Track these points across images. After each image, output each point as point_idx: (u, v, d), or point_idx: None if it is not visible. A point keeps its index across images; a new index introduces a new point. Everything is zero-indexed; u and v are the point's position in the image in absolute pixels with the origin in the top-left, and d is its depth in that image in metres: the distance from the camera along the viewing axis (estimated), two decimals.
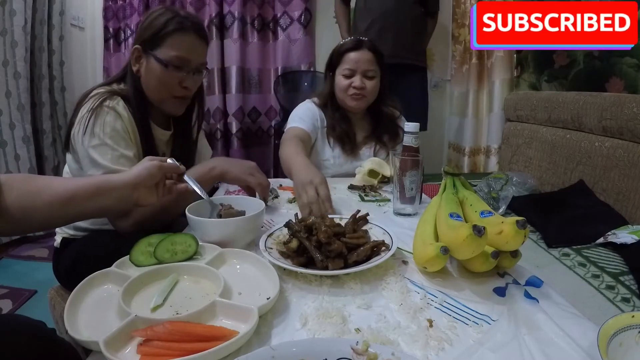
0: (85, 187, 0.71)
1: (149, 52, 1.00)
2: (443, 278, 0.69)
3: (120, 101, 0.99)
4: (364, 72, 1.40)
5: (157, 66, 1.00)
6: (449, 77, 2.75)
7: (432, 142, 2.78)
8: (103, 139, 0.94)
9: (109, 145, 0.94)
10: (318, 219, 0.76)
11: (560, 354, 0.50)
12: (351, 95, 1.41)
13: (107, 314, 0.56)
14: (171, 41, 0.99)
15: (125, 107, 1.00)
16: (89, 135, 0.94)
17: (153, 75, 1.01)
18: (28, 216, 0.66)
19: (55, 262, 1.10)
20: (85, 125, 0.94)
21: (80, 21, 2.94)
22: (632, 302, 1.05)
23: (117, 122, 0.97)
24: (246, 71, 2.79)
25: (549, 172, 1.93)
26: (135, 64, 1.03)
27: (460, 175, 0.90)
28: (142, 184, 0.75)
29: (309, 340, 0.51)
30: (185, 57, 1.00)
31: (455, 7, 2.62)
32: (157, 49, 1.00)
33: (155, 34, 0.99)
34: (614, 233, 1.34)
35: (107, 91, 1.00)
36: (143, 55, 1.02)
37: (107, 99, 0.97)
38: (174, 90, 1.03)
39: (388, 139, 1.49)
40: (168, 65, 0.99)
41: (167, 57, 0.99)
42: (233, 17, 2.70)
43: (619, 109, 1.55)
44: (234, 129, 2.80)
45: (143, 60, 1.02)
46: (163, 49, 0.99)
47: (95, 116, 0.95)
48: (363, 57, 1.40)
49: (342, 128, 1.45)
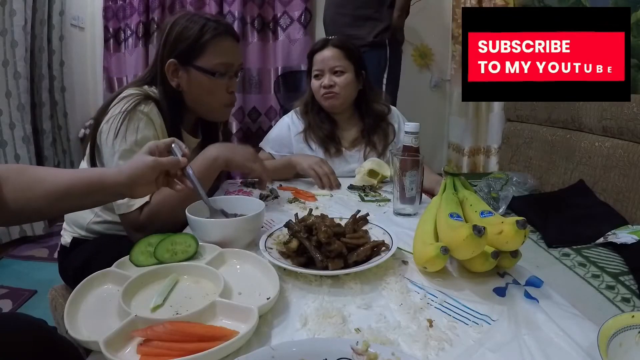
0: (81, 182, 0.69)
1: (189, 64, 0.97)
2: (443, 278, 0.69)
3: (154, 107, 0.96)
4: (331, 69, 1.38)
5: (203, 77, 0.97)
6: (449, 77, 2.75)
7: (432, 142, 2.78)
8: (132, 145, 0.91)
9: (137, 153, 0.93)
10: (318, 219, 0.76)
11: (560, 354, 0.50)
12: (323, 95, 1.40)
13: (107, 314, 0.56)
14: (212, 49, 0.97)
15: (158, 112, 0.97)
16: (120, 139, 0.91)
17: (200, 87, 0.98)
18: (24, 208, 0.65)
19: (62, 261, 1.08)
20: (117, 128, 0.91)
21: (80, 21, 2.94)
22: (632, 302, 1.05)
23: (149, 129, 0.94)
24: (246, 71, 2.79)
25: (549, 172, 1.93)
26: (173, 78, 0.99)
27: (460, 175, 0.90)
28: (137, 183, 0.72)
29: (309, 340, 0.51)
30: (229, 62, 0.99)
31: (455, 7, 2.62)
32: (198, 60, 0.97)
33: (192, 44, 0.96)
34: (614, 233, 1.34)
35: (142, 94, 0.97)
36: (181, 69, 0.98)
37: (142, 103, 0.94)
38: (223, 98, 1.02)
39: (378, 139, 1.45)
40: (215, 74, 0.97)
41: (212, 66, 0.97)
42: (233, 17, 2.70)
43: (619, 109, 1.55)
44: (234, 129, 2.80)
45: (182, 73, 0.99)
46: (205, 58, 0.97)
47: (128, 120, 0.91)
48: (328, 55, 1.39)
49: (324, 131, 1.43)
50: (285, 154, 1.46)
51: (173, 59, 0.97)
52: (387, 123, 1.47)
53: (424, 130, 1.06)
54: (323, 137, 1.43)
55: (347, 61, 1.40)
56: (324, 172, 1.24)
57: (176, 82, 0.99)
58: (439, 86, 2.84)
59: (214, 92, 0.99)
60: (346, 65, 1.39)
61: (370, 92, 1.48)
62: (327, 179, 1.24)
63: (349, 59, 1.40)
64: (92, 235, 1.05)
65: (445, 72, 2.78)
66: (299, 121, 1.48)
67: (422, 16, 2.66)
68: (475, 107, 2.63)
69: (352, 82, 1.41)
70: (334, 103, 1.41)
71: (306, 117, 1.47)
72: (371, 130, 1.45)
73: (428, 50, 2.73)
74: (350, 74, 1.40)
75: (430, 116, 2.78)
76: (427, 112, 2.77)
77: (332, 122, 1.46)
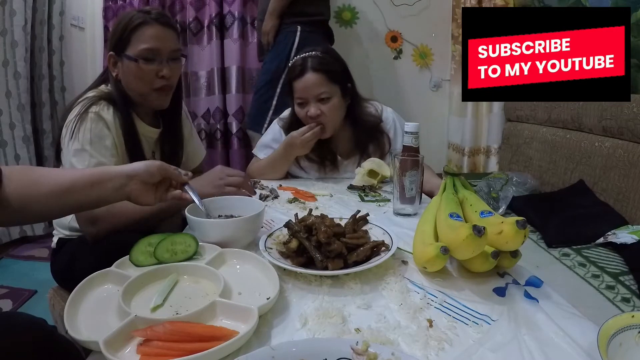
0: (83, 178, 0.71)
1: (121, 54, 1.03)
2: (443, 278, 0.69)
3: (105, 105, 1.01)
4: (316, 97, 1.25)
5: (131, 64, 1.02)
6: (449, 77, 2.75)
7: (432, 142, 2.77)
8: (83, 144, 0.96)
9: (88, 152, 0.96)
10: (318, 219, 0.76)
11: (560, 354, 0.50)
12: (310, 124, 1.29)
13: (107, 314, 0.56)
14: (136, 36, 1.02)
15: (111, 110, 1.01)
16: (73, 140, 0.96)
17: (129, 73, 1.03)
18: (27, 207, 0.66)
19: (52, 263, 1.11)
20: (71, 130, 0.96)
21: (80, 21, 2.94)
22: (632, 302, 1.05)
23: (100, 128, 0.98)
24: (246, 71, 2.79)
25: (549, 172, 1.93)
26: (113, 69, 1.05)
27: (460, 175, 0.90)
28: (138, 177, 0.73)
29: (309, 340, 0.51)
30: (153, 47, 1.02)
31: (455, 7, 2.62)
32: (127, 49, 1.02)
33: (121, 35, 1.02)
34: (614, 233, 1.34)
35: (95, 96, 1.02)
36: (117, 60, 1.04)
37: (93, 105, 0.99)
38: (152, 82, 1.05)
39: (373, 149, 1.38)
40: (138, 60, 1.01)
41: (136, 52, 1.01)
42: (233, 17, 2.70)
43: (619, 109, 1.55)
44: (234, 129, 2.80)
45: (119, 63, 1.04)
46: (132, 47, 1.02)
47: (80, 122, 0.97)
48: (310, 82, 1.24)
49: (317, 151, 1.35)
50: None
51: (111, 52, 1.04)
52: (381, 132, 1.39)
53: (424, 130, 1.06)
54: (319, 157, 1.37)
55: (332, 85, 1.26)
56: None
57: (116, 72, 1.05)
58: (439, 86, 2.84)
59: (140, 77, 1.03)
60: (331, 90, 1.26)
61: (359, 104, 1.38)
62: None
63: (333, 81, 1.27)
64: (76, 234, 1.07)
65: (445, 72, 2.78)
66: None
67: (422, 16, 2.65)
68: (475, 107, 2.63)
69: (339, 105, 1.30)
70: (324, 135, 1.30)
71: None
72: (365, 140, 1.38)
73: (428, 50, 2.73)
74: (337, 97, 1.28)
75: (430, 116, 2.78)
76: (427, 112, 2.77)
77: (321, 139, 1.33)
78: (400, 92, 2.68)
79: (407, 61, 2.73)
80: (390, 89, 2.68)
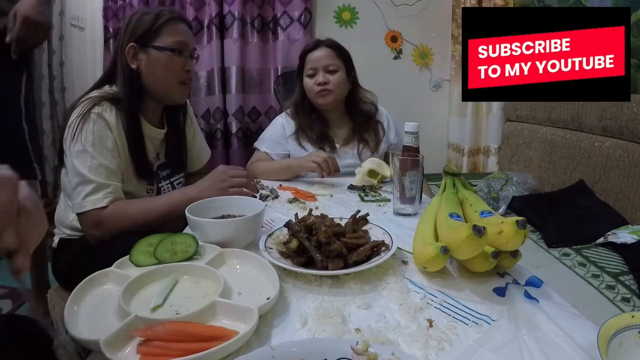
0: None
1: (147, 46, 1.03)
2: (443, 278, 0.69)
3: (107, 106, 1.00)
4: (325, 67, 1.43)
5: (161, 55, 1.03)
6: (449, 77, 2.75)
7: (432, 142, 2.77)
8: (85, 145, 0.96)
9: (89, 153, 0.96)
10: (318, 219, 0.76)
11: (560, 354, 0.50)
12: (317, 92, 1.44)
13: (107, 314, 0.56)
14: (167, 29, 1.04)
15: (113, 111, 1.01)
16: (76, 141, 0.96)
17: (158, 64, 1.04)
18: None
19: (53, 263, 1.10)
20: (73, 132, 0.96)
21: (80, 21, 2.93)
22: (632, 302, 1.05)
23: (101, 129, 0.98)
24: (246, 71, 2.79)
25: (549, 172, 1.93)
26: (132, 62, 1.05)
27: (460, 175, 0.90)
28: None
29: (309, 340, 0.51)
30: (184, 40, 1.06)
31: (455, 7, 2.62)
32: (155, 40, 1.03)
33: (148, 28, 1.03)
34: (614, 233, 1.34)
35: (97, 96, 1.02)
36: (140, 51, 1.04)
37: (96, 105, 0.99)
38: (180, 75, 1.07)
39: (369, 136, 1.50)
40: (174, 50, 1.04)
41: (169, 44, 1.04)
42: (233, 17, 2.70)
43: (619, 109, 1.55)
44: (234, 129, 2.80)
45: (141, 55, 1.04)
46: (162, 38, 1.04)
47: (82, 123, 0.97)
48: (322, 54, 1.44)
49: (316, 131, 1.47)
50: (280, 152, 1.49)
51: (132, 43, 1.04)
52: (376, 121, 1.53)
53: (424, 130, 1.06)
54: (316, 137, 1.46)
55: (339, 60, 1.46)
56: (322, 158, 1.28)
57: (136, 64, 1.05)
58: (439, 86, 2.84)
59: (171, 69, 1.06)
60: (338, 64, 1.45)
61: (359, 93, 1.53)
62: (327, 164, 1.28)
63: (341, 58, 1.46)
64: (77, 234, 1.06)
65: (445, 72, 2.78)
66: (288, 125, 1.50)
67: (422, 16, 2.66)
68: (475, 107, 2.63)
69: (344, 80, 1.46)
70: (329, 100, 1.44)
71: (297, 119, 1.50)
72: (362, 128, 1.50)
73: (428, 50, 2.73)
74: (342, 72, 1.46)
75: (430, 116, 2.78)
76: (427, 112, 2.77)
77: (323, 122, 1.50)
78: (400, 92, 2.68)
79: (407, 61, 2.73)
80: (390, 89, 2.67)
